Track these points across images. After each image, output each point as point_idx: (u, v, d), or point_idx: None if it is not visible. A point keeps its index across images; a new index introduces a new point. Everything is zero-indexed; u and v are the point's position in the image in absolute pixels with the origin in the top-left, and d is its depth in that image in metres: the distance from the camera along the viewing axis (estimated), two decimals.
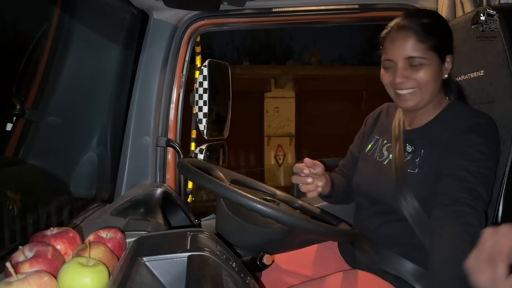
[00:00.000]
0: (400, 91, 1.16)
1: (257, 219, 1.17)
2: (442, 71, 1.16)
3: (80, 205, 1.55)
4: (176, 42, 1.72)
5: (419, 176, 1.14)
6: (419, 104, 1.17)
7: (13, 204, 1.21)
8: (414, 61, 1.12)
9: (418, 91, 1.15)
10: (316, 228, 1.09)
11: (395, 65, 1.15)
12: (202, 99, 1.73)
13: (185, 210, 1.56)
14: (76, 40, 1.60)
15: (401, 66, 1.14)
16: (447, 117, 1.18)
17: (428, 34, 1.11)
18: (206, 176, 1.12)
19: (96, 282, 0.68)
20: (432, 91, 1.15)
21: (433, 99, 1.18)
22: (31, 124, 1.48)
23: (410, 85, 1.14)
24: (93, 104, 1.76)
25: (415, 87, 1.14)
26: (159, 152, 1.74)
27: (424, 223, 1.12)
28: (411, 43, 1.11)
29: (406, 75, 1.14)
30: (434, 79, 1.14)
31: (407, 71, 1.13)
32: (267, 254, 1.13)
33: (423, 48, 1.11)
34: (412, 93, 1.15)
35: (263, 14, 1.76)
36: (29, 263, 0.68)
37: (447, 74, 1.18)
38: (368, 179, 1.30)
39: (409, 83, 1.14)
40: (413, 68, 1.13)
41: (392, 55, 1.15)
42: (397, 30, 1.15)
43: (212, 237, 0.88)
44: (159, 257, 0.74)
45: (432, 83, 1.14)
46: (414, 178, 1.15)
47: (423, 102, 1.16)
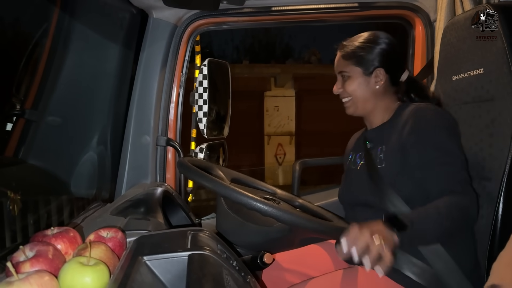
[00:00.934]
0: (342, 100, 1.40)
1: (258, 218, 1.17)
2: (369, 82, 1.34)
3: (81, 204, 1.55)
4: (175, 41, 1.72)
5: (386, 169, 1.25)
6: (356, 110, 1.38)
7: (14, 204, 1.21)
8: (343, 75, 1.37)
9: (351, 100, 1.37)
10: (316, 227, 1.09)
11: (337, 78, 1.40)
12: (202, 98, 1.73)
13: (186, 210, 1.56)
14: (75, 40, 1.60)
15: (338, 79, 1.39)
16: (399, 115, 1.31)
17: (350, 53, 1.35)
18: (206, 175, 1.12)
19: (96, 281, 0.68)
20: (364, 99, 1.35)
21: (372, 105, 1.36)
22: (31, 124, 1.48)
23: (344, 94, 1.38)
24: (93, 103, 1.75)
25: (347, 96, 1.37)
26: (159, 152, 1.74)
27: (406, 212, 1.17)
28: (339, 61, 1.38)
29: (339, 86, 1.38)
30: (360, 89, 1.34)
31: (340, 83, 1.38)
32: (267, 253, 1.13)
33: (346, 64, 1.35)
34: (347, 101, 1.38)
35: (262, 12, 1.76)
36: (30, 263, 0.68)
37: (378, 86, 1.34)
38: (347, 186, 1.43)
39: (343, 93, 1.38)
40: (343, 80, 1.37)
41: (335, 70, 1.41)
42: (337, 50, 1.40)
43: (212, 236, 0.88)
44: (159, 256, 0.74)
45: (359, 92, 1.35)
46: (383, 172, 1.25)
47: (359, 109, 1.37)
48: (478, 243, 1.26)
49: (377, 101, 1.36)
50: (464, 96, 1.39)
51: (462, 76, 1.40)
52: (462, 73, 1.40)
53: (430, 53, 1.80)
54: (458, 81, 1.42)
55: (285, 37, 8.03)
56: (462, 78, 1.40)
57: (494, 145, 1.25)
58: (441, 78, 1.54)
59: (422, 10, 1.80)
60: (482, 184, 1.28)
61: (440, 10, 1.63)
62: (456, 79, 1.43)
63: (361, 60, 1.34)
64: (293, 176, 1.89)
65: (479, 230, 1.26)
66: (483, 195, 1.27)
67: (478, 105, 1.32)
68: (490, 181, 1.25)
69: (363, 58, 1.34)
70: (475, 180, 1.31)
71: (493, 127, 1.26)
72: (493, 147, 1.25)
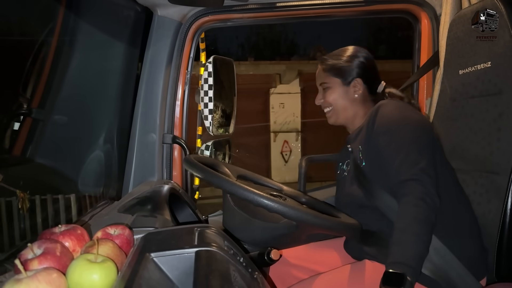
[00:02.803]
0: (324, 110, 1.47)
1: (264, 214, 1.17)
2: (348, 92, 1.42)
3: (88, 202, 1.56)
4: (180, 39, 1.72)
5: (368, 167, 1.29)
6: (338, 119, 1.45)
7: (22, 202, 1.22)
8: (323, 86, 1.44)
9: (332, 110, 1.44)
10: (322, 223, 1.09)
11: None
12: (207, 95, 1.73)
13: (192, 207, 1.56)
14: (81, 39, 1.60)
15: (319, 90, 1.47)
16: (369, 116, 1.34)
17: (330, 65, 1.43)
18: (212, 172, 1.12)
19: (104, 278, 0.68)
20: (344, 108, 1.42)
21: (352, 113, 1.43)
22: (38, 123, 1.49)
23: (326, 105, 1.45)
24: (99, 102, 1.76)
25: (328, 106, 1.44)
26: (165, 149, 1.74)
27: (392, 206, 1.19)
28: (320, 73, 1.46)
29: (320, 97, 1.46)
30: (340, 99, 1.42)
31: (321, 94, 1.46)
32: (274, 249, 1.12)
33: (326, 76, 1.44)
34: (329, 111, 1.45)
35: (267, 9, 1.75)
36: (38, 260, 0.69)
37: (357, 94, 1.42)
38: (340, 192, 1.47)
39: (324, 104, 1.45)
40: (324, 91, 1.45)
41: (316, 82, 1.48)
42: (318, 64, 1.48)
43: (219, 232, 0.88)
44: (167, 253, 0.74)
45: (340, 101, 1.42)
46: (367, 170, 1.29)
47: (341, 117, 1.44)
48: (486, 237, 1.25)
49: (356, 109, 1.42)
50: (471, 90, 1.38)
51: (469, 70, 1.38)
52: (469, 67, 1.38)
53: (436, 47, 1.79)
54: (465, 75, 1.41)
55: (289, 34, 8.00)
56: (469, 72, 1.39)
57: (502, 139, 1.24)
58: (448, 72, 1.52)
59: (428, 4, 1.78)
60: (490, 178, 1.27)
61: (446, 3, 1.61)
62: (463, 73, 1.42)
63: (340, 71, 1.42)
64: (299, 172, 1.89)
65: (487, 225, 1.25)
66: (491, 189, 1.26)
67: (486, 99, 1.31)
68: (499, 175, 1.24)
69: (342, 69, 1.42)
70: (483, 174, 1.30)
71: (500, 121, 1.25)
72: (501, 141, 1.24)
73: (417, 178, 1.12)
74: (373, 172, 1.27)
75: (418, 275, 1.02)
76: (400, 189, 1.13)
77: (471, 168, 1.35)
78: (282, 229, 1.19)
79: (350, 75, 1.42)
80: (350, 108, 1.42)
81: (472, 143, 1.35)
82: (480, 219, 1.28)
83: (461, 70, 1.43)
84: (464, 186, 1.34)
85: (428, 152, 1.19)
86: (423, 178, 1.11)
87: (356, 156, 1.34)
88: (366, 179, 1.28)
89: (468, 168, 1.37)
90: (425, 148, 1.20)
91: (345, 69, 1.42)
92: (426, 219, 1.07)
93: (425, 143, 1.21)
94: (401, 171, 1.15)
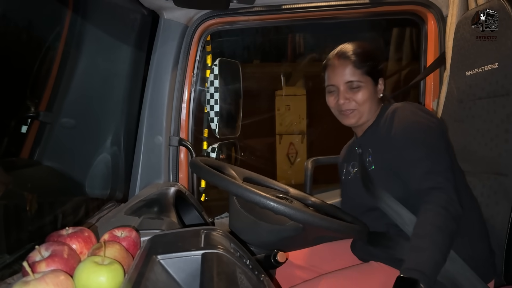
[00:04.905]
0: (342, 111, 1.33)
1: (270, 216, 1.17)
2: (376, 92, 1.33)
3: (95, 205, 1.56)
4: (186, 42, 1.73)
5: (377, 171, 1.27)
6: (358, 121, 1.34)
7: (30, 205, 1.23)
8: (353, 85, 1.30)
9: (357, 110, 1.32)
10: (329, 225, 1.08)
11: (338, 89, 1.32)
12: (214, 98, 1.73)
13: (199, 209, 1.57)
14: (88, 42, 1.61)
15: (342, 90, 1.31)
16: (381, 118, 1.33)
17: (362, 62, 1.30)
18: (218, 175, 1.12)
19: (111, 280, 0.68)
20: (369, 109, 1.32)
21: (371, 115, 1.34)
22: (45, 126, 1.50)
23: (352, 106, 1.31)
24: (106, 104, 1.77)
25: (354, 108, 1.31)
26: (171, 152, 1.75)
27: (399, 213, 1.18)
28: (349, 69, 1.30)
29: (347, 97, 1.31)
30: (370, 99, 1.31)
31: (348, 93, 1.31)
32: (281, 252, 1.12)
33: (359, 73, 1.30)
34: (352, 111, 1.32)
35: (272, 11, 1.75)
36: (46, 263, 0.69)
37: (381, 94, 1.35)
38: (346, 196, 1.46)
39: (351, 104, 1.31)
40: (352, 91, 1.30)
41: (334, 81, 1.32)
42: (337, 59, 1.33)
43: (225, 235, 0.88)
44: (173, 255, 0.74)
45: (369, 102, 1.31)
46: (375, 175, 1.27)
47: (362, 119, 1.34)
48: (494, 239, 1.24)
49: (374, 111, 1.35)
50: (478, 91, 1.37)
51: (476, 71, 1.38)
52: (476, 68, 1.38)
53: (442, 48, 1.78)
54: (472, 76, 1.40)
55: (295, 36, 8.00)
56: (476, 73, 1.38)
57: (510, 140, 1.23)
58: (455, 74, 1.52)
59: (434, 5, 1.78)
60: (498, 180, 1.26)
61: (452, 5, 1.61)
62: (470, 74, 1.41)
63: (372, 69, 1.32)
64: (305, 174, 1.89)
65: (495, 227, 1.24)
66: (500, 191, 1.25)
67: (493, 100, 1.30)
68: (507, 177, 1.23)
69: (374, 67, 1.32)
70: (491, 176, 1.29)
71: (508, 122, 1.24)
72: (509, 142, 1.23)
73: (440, 186, 1.10)
74: (382, 176, 1.25)
75: (432, 284, 1.00)
76: (422, 196, 1.11)
77: (478, 170, 1.34)
78: (288, 232, 1.19)
79: (378, 74, 1.34)
80: (372, 109, 1.33)
81: (479, 145, 1.34)
82: (488, 221, 1.27)
83: (468, 71, 1.42)
84: (472, 188, 1.33)
85: (448, 158, 1.18)
86: (446, 186, 1.10)
87: (365, 159, 1.32)
88: (372, 183, 1.26)
89: (475, 170, 1.36)
90: (445, 154, 1.19)
91: (376, 67, 1.33)
92: (447, 228, 1.05)
93: (444, 149, 1.20)
94: (423, 179, 1.13)
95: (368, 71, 1.30)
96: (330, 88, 1.35)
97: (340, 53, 1.33)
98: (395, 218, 1.19)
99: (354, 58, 1.30)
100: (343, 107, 1.32)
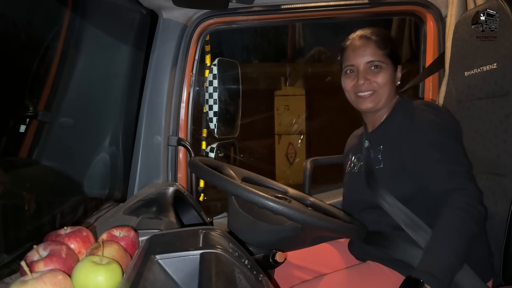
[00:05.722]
0: (360, 93, 1.28)
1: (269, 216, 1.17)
2: (395, 78, 1.29)
3: (94, 204, 1.56)
4: (185, 41, 1.73)
5: (385, 169, 1.24)
6: (376, 106, 1.28)
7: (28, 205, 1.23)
8: (374, 64, 1.26)
9: (375, 94, 1.27)
10: (327, 225, 1.08)
11: (357, 69, 1.28)
12: (212, 97, 1.73)
13: (197, 209, 1.56)
14: (86, 42, 1.61)
15: (363, 70, 1.27)
16: (396, 113, 1.29)
17: (384, 43, 1.27)
18: (217, 174, 1.12)
19: (109, 280, 0.68)
20: (388, 94, 1.28)
21: (388, 102, 1.29)
22: (44, 125, 1.50)
23: (371, 87, 1.26)
24: (105, 104, 1.77)
25: (374, 89, 1.26)
26: (170, 151, 1.75)
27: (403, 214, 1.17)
28: (371, 49, 1.26)
29: (367, 77, 1.26)
30: (389, 83, 1.27)
31: (368, 74, 1.26)
32: (279, 252, 1.12)
33: (381, 54, 1.26)
34: (370, 95, 1.27)
35: (271, 11, 1.75)
36: (44, 262, 0.69)
37: (399, 82, 1.31)
38: (348, 189, 1.43)
39: (370, 86, 1.26)
40: (373, 72, 1.26)
41: (354, 60, 1.28)
42: (358, 40, 1.29)
43: (224, 234, 0.88)
44: (171, 255, 0.74)
45: (388, 87, 1.27)
46: (382, 173, 1.24)
47: (380, 104, 1.28)
48: (493, 239, 1.24)
49: (391, 98, 1.31)
50: (477, 91, 1.37)
51: (475, 71, 1.38)
52: (475, 69, 1.38)
53: (441, 49, 1.78)
54: (471, 76, 1.40)
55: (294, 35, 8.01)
56: (475, 73, 1.38)
57: (508, 141, 1.23)
58: (453, 74, 1.52)
59: (433, 5, 1.78)
60: (497, 180, 1.26)
61: (451, 5, 1.61)
62: (469, 75, 1.41)
63: (393, 52, 1.28)
64: (304, 174, 1.89)
65: (493, 227, 1.24)
66: (498, 191, 1.25)
67: (492, 100, 1.30)
68: (505, 177, 1.23)
69: (394, 50, 1.29)
70: (490, 176, 1.29)
71: (507, 123, 1.24)
72: (507, 143, 1.23)
73: (462, 187, 1.09)
74: (389, 175, 1.23)
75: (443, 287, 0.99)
76: (444, 198, 1.09)
77: (477, 170, 1.34)
78: (287, 232, 1.19)
79: (397, 60, 1.29)
80: (390, 95, 1.28)
81: (478, 145, 1.34)
82: (486, 221, 1.27)
83: (466, 72, 1.42)
84: None
85: (467, 160, 1.17)
86: (468, 187, 1.09)
87: (374, 156, 1.29)
88: (376, 182, 1.24)
89: (474, 170, 1.36)
90: (464, 155, 1.17)
91: (396, 51, 1.29)
92: (467, 231, 1.04)
93: (463, 150, 1.19)
94: (444, 180, 1.11)
95: (389, 54, 1.27)
96: (348, 68, 1.30)
97: (362, 34, 1.29)
98: (398, 219, 1.18)
99: (377, 38, 1.27)
100: (362, 88, 1.26)
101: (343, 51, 1.33)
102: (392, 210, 1.19)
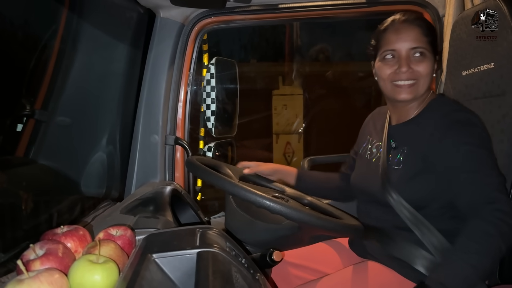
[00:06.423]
0: (400, 82, 1.18)
1: (266, 215, 1.17)
2: (433, 68, 1.19)
3: (91, 203, 1.56)
4: (183, 40, 1.72)
5: (402, 172, 1.17)
6: (415, 97, 1.19)
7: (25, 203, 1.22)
8: (417, 51, 1.16)
9: (416, 84, 1.17)
10: (325, 224, 1.09)
11: (399, 55, 1.17)
12: (210, 97, 1.73)
13: (194, 208, 1.56)
14: (84, 41, 1.61)
15: (405, 56, 1.16)
16: (430, 112, 1.20)
17: (428, 29, 1.18)
18: (214, 174, 1.12)
19: (106, 279, 0.68)
20: (427, 85, 1.19)
21: (424, 93, 1.21)
22: (41, 124, 1.50)
23: (412, 76, 1.16)
24: (102, 103, 1.77)
25: (415, 78, 1.17)
26: (167, 151, 1.74)
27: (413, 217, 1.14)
28: (416, 34, 1.16)
29: (410, 65, 1.16)
30: (430, 74, 1.18)
31: (410, 61, 1.16)
32: (276, 251, 1.12)
33: (425, 41, 1.16)
34: (410, 85, 1.17)
35: (269, 10, 1.75)
36: (40, 261, 0.69)
37: (435, 74, 1.22)
38: (359, 176, 1.36)
39: (412, 74, 1.16)
40: (415, 59, 1.16)
41: (397, 45, 1.17)
42: (402, 23, 1.18)
43: (221, 233, 0.88)
44: (168, 254, 0.74)
45: (428, 78, 1.18)
46: (398, 174, 1.18)
47: (419, 95, 1.19)
48: None
49: (427, 90, 1.21)
50: (474, 91, 1.37)
51: (472, 71, 1.38)
52: (472, 68, 1.38)
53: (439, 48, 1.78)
54: (468, 76, 1.40)
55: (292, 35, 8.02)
56: (472, 73, 1.38)
57: (505, 140, 1.23)
58: (451, 74, 1.52)
59: (431, 5, 1.78)
60: None
61: (449, 5, 1.61)
62: (466, 74, 1.41)
63: (434, 41, 1.19)
64: None
65: None
66: None
67: (489, 100, 1.31)
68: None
69: (435, 40, 1.20)
70: None
71: (504, 122, 1.24)
72: (504, 143, 1.23)
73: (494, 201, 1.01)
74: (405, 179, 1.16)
75: None
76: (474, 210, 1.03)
77: None
78: (284, 231, 1.19)
79: (436, 50, 1.20)
80: (428, 88, 1.19)
81: None
82: None
83: (464, 72, 1.42)
84: None
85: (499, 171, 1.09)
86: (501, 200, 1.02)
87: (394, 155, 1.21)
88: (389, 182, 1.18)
89: None
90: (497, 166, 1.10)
91: (437, 40, 1.20)
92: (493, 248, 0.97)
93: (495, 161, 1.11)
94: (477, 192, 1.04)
95: (431, 42, 1.17)
96: (389, 53, 1.18)
97: (405, 18, 1.19)
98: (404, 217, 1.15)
99: (421, 23, 1.17)
100: (403, 77, 1.16)
101: (381, 34, 1.22)
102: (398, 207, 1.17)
